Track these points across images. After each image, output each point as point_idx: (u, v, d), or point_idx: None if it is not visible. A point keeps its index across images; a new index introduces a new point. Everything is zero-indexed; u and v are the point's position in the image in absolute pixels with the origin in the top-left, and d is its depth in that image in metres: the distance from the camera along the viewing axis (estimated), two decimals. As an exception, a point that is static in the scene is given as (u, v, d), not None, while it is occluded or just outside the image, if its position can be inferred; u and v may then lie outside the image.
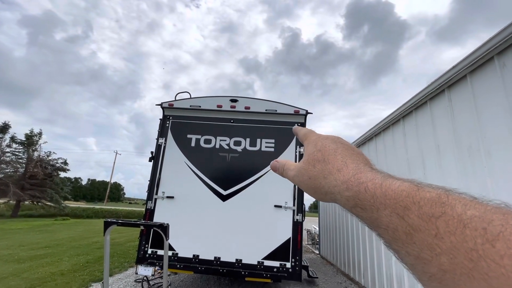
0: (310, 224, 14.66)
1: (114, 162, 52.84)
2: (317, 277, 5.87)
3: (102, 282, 2.32)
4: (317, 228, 10.87)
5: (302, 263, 6.10)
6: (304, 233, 14.15)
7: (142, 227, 2.28)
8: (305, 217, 4.73)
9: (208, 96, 5.03)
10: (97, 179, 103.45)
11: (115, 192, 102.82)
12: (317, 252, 10.21)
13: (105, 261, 2.21)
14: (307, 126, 4.75)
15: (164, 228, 2.18)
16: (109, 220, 2.20)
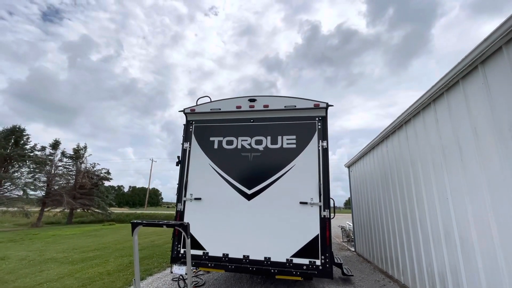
0: (345, 220, 14.16)
1: (151, 169, 56.17)
2: (352, 275, 5.66)
3: (134, 279, 2.49)
4: (351, 224, 10.45)
5: (336, 261, 5.96)
6: (338, 230, 13.71)
7: (165, 227, 2.40)
8: (335, 214, 4.55)
9: (227, 98, 5.12)
10: (137, 186, 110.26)
11: (153, 197, 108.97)
12: (353, 249, 9.82)
13: (135, 259, 2.38)
14: (328, 119, 4.61)
15: (185, 227, 2.29)
16: (135, 221, 2.38)
